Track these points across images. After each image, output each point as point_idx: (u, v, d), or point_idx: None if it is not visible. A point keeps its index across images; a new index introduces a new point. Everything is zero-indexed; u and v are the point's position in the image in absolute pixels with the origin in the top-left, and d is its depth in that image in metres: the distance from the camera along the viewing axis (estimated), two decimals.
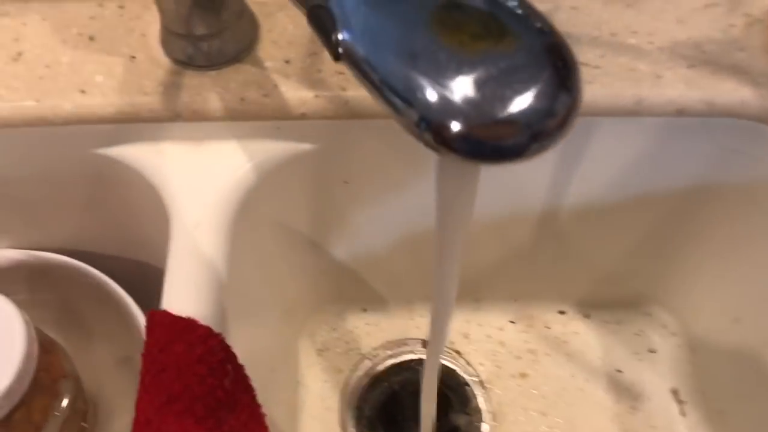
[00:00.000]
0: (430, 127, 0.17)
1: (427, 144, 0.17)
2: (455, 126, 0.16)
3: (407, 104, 0.17)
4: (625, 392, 0.52)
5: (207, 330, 0.35)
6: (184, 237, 0.37)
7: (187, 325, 0.35)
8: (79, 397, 0.46)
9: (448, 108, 0.16)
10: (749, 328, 0.46)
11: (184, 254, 0.37)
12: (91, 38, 0.41)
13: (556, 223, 0.47)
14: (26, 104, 0.39)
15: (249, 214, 0.40)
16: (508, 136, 0.17)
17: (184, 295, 0.36)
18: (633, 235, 0.49)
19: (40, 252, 0.46)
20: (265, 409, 0.37)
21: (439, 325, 0.32)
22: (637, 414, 0.51)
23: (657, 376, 0.53)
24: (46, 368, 0.41)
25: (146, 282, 0.48)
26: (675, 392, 0.52)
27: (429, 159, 0.42)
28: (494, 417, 0.52)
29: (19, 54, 0.40)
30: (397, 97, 0.17)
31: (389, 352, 0.54)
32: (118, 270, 0.46)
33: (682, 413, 0.51)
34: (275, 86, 0.39)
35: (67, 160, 0.41)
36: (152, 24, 0.41)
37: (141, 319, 0.45)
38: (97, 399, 0.49)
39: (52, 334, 0.44)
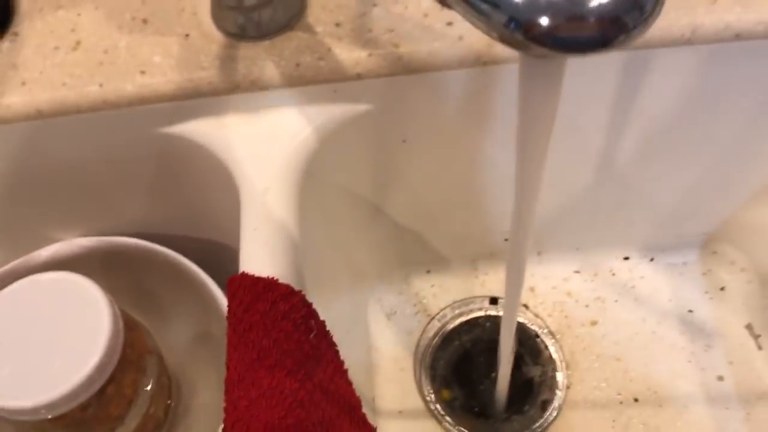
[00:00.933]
0: (519, 25, 0.17)
1: (516, 44, 0.18)
2: (544, 21, 0.17)
3: (495, 7, 0.17)
4: (698, 332, 0.52)
5: (288, 288, 0.36)
6: (254, 203, 0.38)
7: (268, 284, 0.36)
8: (163, 373, 0.47)
9: (535, 5, 0.17)
10: None
11: (256, 219, 0.38)
12: (145, 21, 0.42)
13: (616, 165, 0.47)
14: (90, 89, 0.40)
15: (314, 178, 0.41)
16: (595, 27, 0.17)
17: (261, 258, 0.37)
18: (695, 171, 0.49)
19: (112, 237, 0.48)
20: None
21: (517, 260, 0.32)
22: (713, 352, 0.51)
23: (729, 313, 0.52)
24: (132, 345, 0.43)
25: (218, 261, 0.49)
26: (749, 327, 0.51)
27: (483, 110, 0.42)
28: (568, 365, 0.52)
29: (78, 43, 0.41)
30: (485, 2, 0.17)
31: (457, 311, 0.54)
32: (190, 250, 0.47)
33: (759, 347, 0.51)
34: (329, 49, 0.40)
35: (133, 142, 0.42)
36: (202, 1, 0.42)
37: (217, 292, 0.46)
38: (178, 376, 0.50)
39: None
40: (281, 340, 0.34)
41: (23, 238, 0.48)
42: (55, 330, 0.40)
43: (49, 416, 0.38)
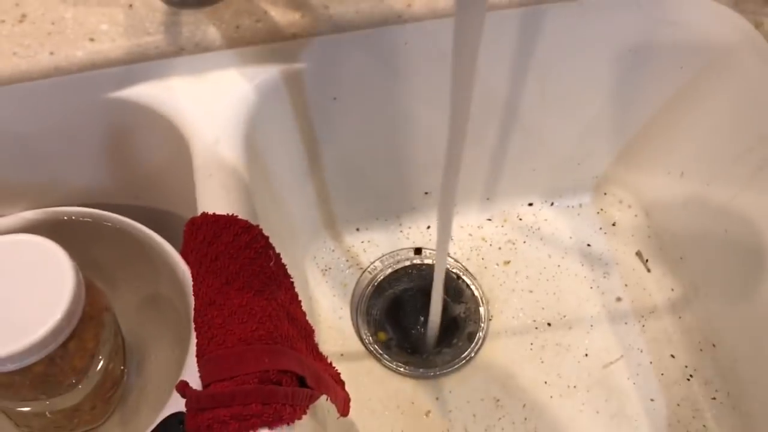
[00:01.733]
0: None
1: None
2: None
3: None
4: (597, 262, 0.59)
5: (247, 222, 0.40)
6: (206, 152, 0.42)
7: (229, 219, 0.39)
8: (118, 332, 0.49)
9: None
10: (693, 176, 0.54)
11: (209, 166, 0.42)
12: None
13: (518, 116, 0.54)
14: (41, 57, 0.42)
15: (256, 134, 0.45)
16: None
17: (218, 199, 0.41)
18: (583, 118, 0.56)
19: (57, 207, 0.50)
20: None
21: (448, 192, 0.38)
22: (611, 278, 0.59)
23: (621, 244, 0.60)
24: (90, 301, 0.45)
25: (169, 228, 0.52)
26: (638, 254, 0.59)
27: (404, 67, 0.48)
28: (487, 301, 0.58)
29: (24, 16, 0.44)
30: None
31: (386, 263, 0.60)
32: (140, 218, 0.50)
33: (648, 269, 0.59)
34: (265, 12, 0.44)
35: (83, 109, 0.45)
36: None
37: (168, 250, 0.49)
38: (129, 336, 0.52)
39: None
40: (246, 266, 0.38)
41: None
42: (18, 286, 0.41)
43: (16, 367, 0.40)
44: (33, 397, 0.44)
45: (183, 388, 0.38)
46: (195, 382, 0.36)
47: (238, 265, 0.38)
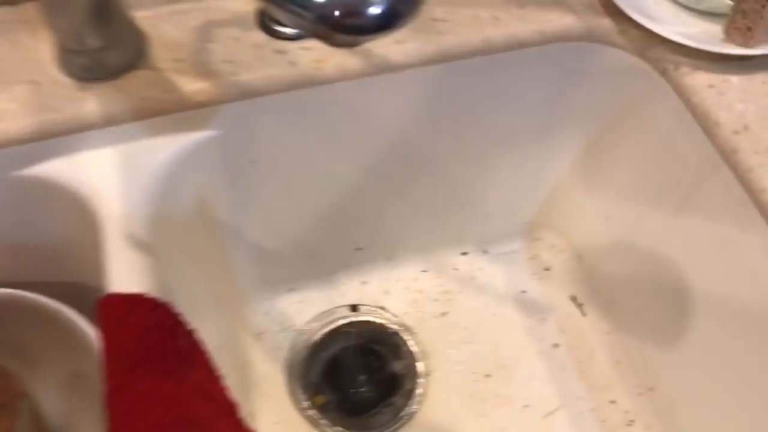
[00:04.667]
0: (322, 20, 0.22)
1: (324, 35, 0.23)
2: (337, 14, 0.22)
3: (303, 8, 0.22)
4: (532, 308, 0.59)
5: (155, 300, 0.39)
6: (116, 229, 0.41)
7: (137, 298, 0.38)
8: (39, 417, 0.48)
9: (330, 3, 0.22)
10: (618, 221, 0.54)
11: (119, 241, 0.40)
12: None
13: (443, 169, 0.54)
14: None
15: (172, 204, 0.44)
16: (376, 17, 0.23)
17: (127, 277, 0.39)
18: (507, 168, 0.56)
19: None
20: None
21: None
22: (547, 323, 0.58)
23: (555, 289, 0.60)
24: (3, 390, 0.43)
25: (83, 301, 0.50)
26: (573, 298, 0.59)
27: (325, 128, 0.48)
28: (426, 355, 0.57)
29: None
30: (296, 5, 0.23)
31: (322, 322, 0.59)
32: (53, 294, 0.48)
33: (583, 313, 0.59)
34: (172, 83, 0.43)
35: None
36: (46, 51, 0.44)
37: (86, 328, 0.47)
38: (52, 416, 0.50)
39: None
40: (153, 348, 0.37)
41: None
42: None
43: None
44: None
45: None
46: None
47: (144, 347, 0.37)
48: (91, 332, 0.48)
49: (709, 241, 0.46)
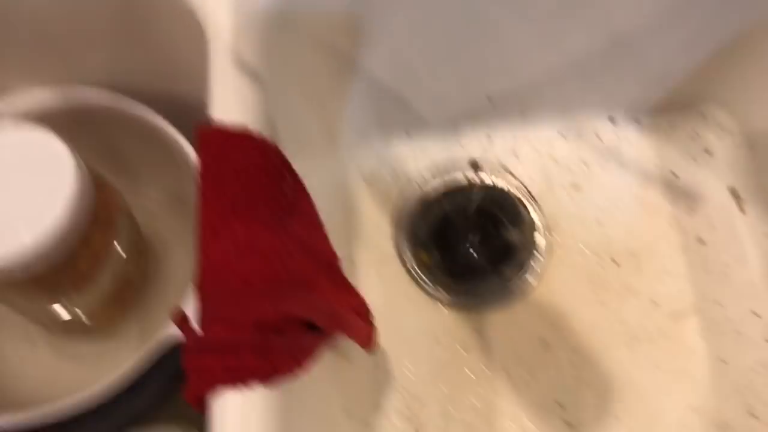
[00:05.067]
0: None
1: None
2: None
3: None
4: (682, 194, 0.51)
5: (262, 138, 0.34)
6: (224, 49, 0.36)
7: (241, 134, 0.34)
8: (136, 234, 0.46)
9: None
10: None
11: (226, 66, 0.35)
12: None
13: (608, 17, 0.44)
14: None
15: (289, 26, 0.38)
16: None
17: (232, 107, 0.35)
18: (689, 27, 0.46)
19: (75, 88, 0.45)
20: None
21: None
22: (696, 215, 0.50)
23: (714, 177, 0.51)
24: (102, 204, 0.41)
25: (187, 118, 0.47)
26: (733, 190, 0.51)
27: None
28: (548, 228, 0.51)
29: None
30: None
31: (437, 175, 0.53)
32: (157, 105, 0.45)
33: (742, 210, 0.50)
34: None
35: None
36: None
37: (190, 153, 0.44)
38: (152, 237, 0.49)
39: None
40: (255, 191, 0.33)
41: None
42: (12, 189, 0.37)
43: (16, 270, 0.37)
44: (38, 299, 0.41)
45: (180, 320, 0.34)
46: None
47: (246, 190, 0.33)
48: (193, 155, 0.45)
49: None
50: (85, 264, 0.40)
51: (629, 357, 0.47)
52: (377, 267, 0.51)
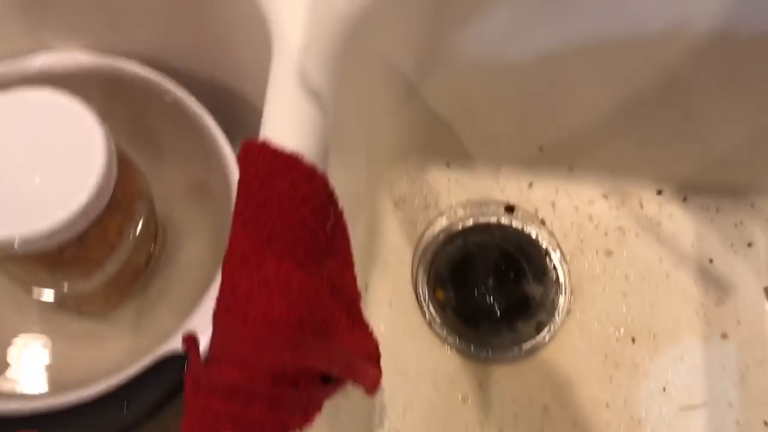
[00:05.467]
0: None
1: None
2: None
3: None
4: (714, 283, 0.49)
5: (312, 168, 0.32)
6: (288, 61, 0.33)
7: (290, 160, 0.31)
8: (151, 218, 0.44)
9: None
10: None
11: (287, 81, 0.33)
12: None
13: (683, 87, 0.42)
14: None
15: (357, 43, 0.36)
16: None
17: (286, 127, 0.32)
18: (756, 120, 0.44)
19: (116, 58, 0.42)
20: None
21: None
22: (724, 307, 0.49)
23: (751, 271, 0.49)
24: (122, 187, 0.38)
25: (231, 112, 0.44)
26: (767, 290, 0.49)
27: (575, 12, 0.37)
28: (572, 291, 0.49)
29: None
30: None
31: (468, 211, 0.51)
32: (201, 93, 0.42)
33: None
34: None
35: None
36: None
37: (222, 143, 0.42)
38: (166, 224, 0.47)
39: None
40: (296, 225, 0.31)
41: (15, 36, 0.42)
42: (39, 158, 0.35)
43: (21, 252, 0.35)
44: (42, 276, 0.39)
45: (188, 343, 0.32)
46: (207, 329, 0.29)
47: (286, 222, 0.30)
48: (226, 147, 0.42)
49: None
50: (95, 251, 0.38)
51: None
52: (390, 295, 0.49)
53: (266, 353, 0.28)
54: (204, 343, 0.30)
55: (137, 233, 0.41)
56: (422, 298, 0.49)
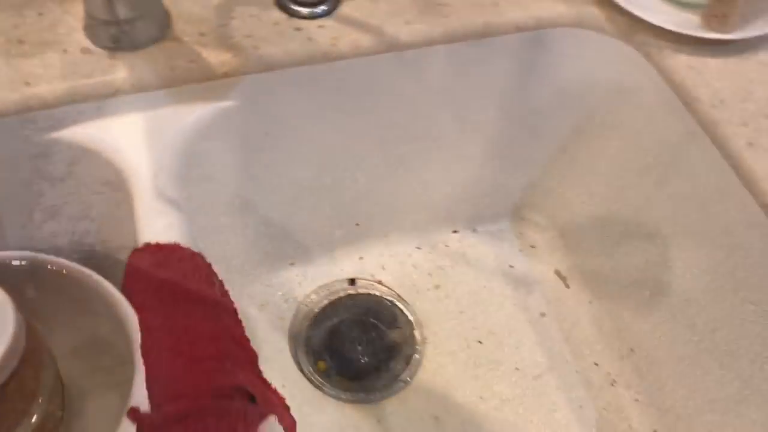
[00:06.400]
0: None
1: None
2: None
3: None
4: (520, 281, 0.63)
5: (189, 249, 0.41)
6: (146, 185, 0.43)
7: (172, 247, 0.41)
8: (57, 374, 0.49)
9: None
10: (600, 197, 0.59)
11: (149, 198, 0.43)
12: (20, 42, 0.46)
13: (436, 145, 0.57)
14: None
15: (192, 170, 0.47)
16: None
17: (159, 229, 0.42)
18: (499, 147, 0.60)
19: None
20: None
21: None
22: (533, 295, 0.62)
23: (541, 264, 0.64)
24: (31, 341, 0.44)
25: (106, 271, 0.52)
26: (557, 272, 0.63)
27: (336, 103, 0.51)
28: (422, 324, 0.60)
29: None
30: None
31: (321, 294, 0.61)
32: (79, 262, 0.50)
33: (567, 286, 0.63)
34: (198, 54, 0.46)
35: (18, 149, 0.45)
36: (73, 23, 0.47)
37: (109, 290, 0.49)
38: (67, 381, 0.52)
39: None
40: (191, 291, 0.40)
41: None
42: None
43: None
44: None
45: (134, 414, 0.38)
46: (144, 407, 0.37)
47: (183, 290, 0.39)
48: (114, 292, 0.50)
49: (690, 207, 0.50)
50: (20, 400, 0.43)
51: (507, 417, 0.56)
52: (281, 380, 0.57)
53: (201, 380, 0.36)
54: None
55: (50, 382, 0.46)
56: (309, 374, 0.57)
